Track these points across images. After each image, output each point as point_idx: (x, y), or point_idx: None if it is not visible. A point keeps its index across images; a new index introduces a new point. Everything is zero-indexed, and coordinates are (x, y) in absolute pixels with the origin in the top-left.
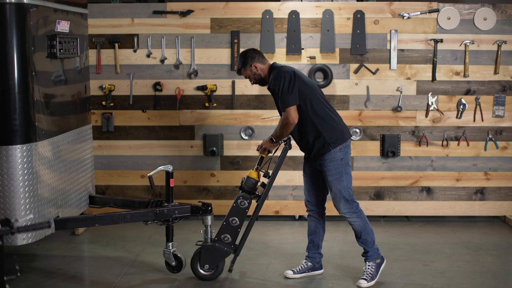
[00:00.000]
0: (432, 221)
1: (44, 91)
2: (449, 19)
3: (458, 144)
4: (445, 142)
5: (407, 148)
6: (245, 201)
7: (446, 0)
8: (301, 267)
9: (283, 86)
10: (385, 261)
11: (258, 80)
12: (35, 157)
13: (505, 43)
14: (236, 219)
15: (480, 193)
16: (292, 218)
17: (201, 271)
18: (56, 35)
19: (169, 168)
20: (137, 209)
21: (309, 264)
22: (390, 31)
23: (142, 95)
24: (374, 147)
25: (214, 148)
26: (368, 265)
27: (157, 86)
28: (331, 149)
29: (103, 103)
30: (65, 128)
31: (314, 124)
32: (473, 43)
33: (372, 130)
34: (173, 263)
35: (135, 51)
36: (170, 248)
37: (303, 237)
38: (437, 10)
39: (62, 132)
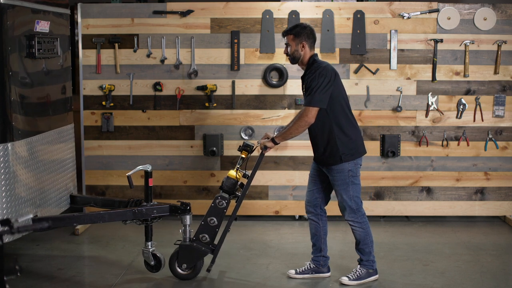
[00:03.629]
0: (432, 221)
1: (22, 91)
2: (449, 19)
3: (458, 144)
4: (445, 142)
5: (407, 148)
6: (223, 201)
7: (446, 0)
8: (304, 269)
9: (320, 85)
10: (377, 275)
11: (294, 57)
12: (12, 156)
13: (505, 43)
14: (214, 219)
15: (480, 193)
16: (292, 218)
17: (179, 270)
18: (34, 35)
19: (148, 167)
20: (116, 209)
21: (312, 266)
22: (390, 31)
23: (142, 95)
24: (374, 147)
25: (214, 148)
26: (359, 268)
27: (157, 86)
28: (341, 162)
29: (103, 103)
30: (44, 128)
31: (332, 131)
32: (473, 43)
33: (372, 130)
34: (152, 263)
35: (135, 51)
36: (149, 247)
37: (303, 237)
38: (437, 10)
39: (40, 132)
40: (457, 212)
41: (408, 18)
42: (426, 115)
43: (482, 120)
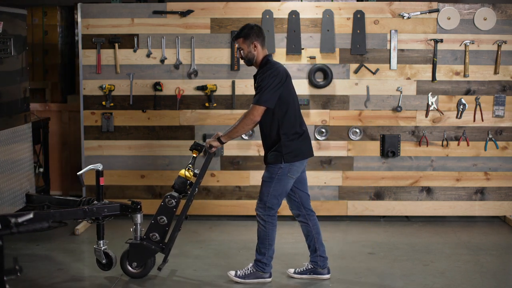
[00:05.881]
0: (432, 221)
1: None
2: (449, 19)
3: (458, 144)
4: (445, 142)
5: (407, 148)
6: (173, 200)
7: (446, 0)
8: (303, 269)
9: (270, 84)
10: (269, 279)
11: (249, 58)
12: None
13: (505, 43)
14: (164, 218)
15: (480, 193)
16: (292, 218)
17: (130, 268)
18: None
19: (99, 167)
20: (68, 208)
21: (310, 267)
22: (390, 31)
23: (142, 95)
24: (374, 147)
25: None
26: (250, 267)
27: (157, 86)
28: (282, 162)
29: (103, 103)
30: None
31: (278, 132)
32: (473, 43)
33: (372, 130)
34: (104, 261)
35: (135, 51)
36: (101, 246)
37: (303, 237)
38: (437, 10)
39: None
40: (457, 212)
41: (408, 18)
42: (426, 115)
43: (482, 120)
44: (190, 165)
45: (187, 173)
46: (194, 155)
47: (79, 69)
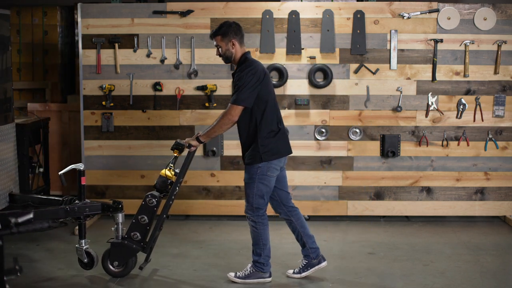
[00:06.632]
0: (432, 221)
1: None
2: (449, 19)
3: (458, 144)
4: (445, 142)
5: (407, 148)
6: (153, 200)
7: (446, 0)
8: (300, 267)
9: (248, 83)
10: (270, 278)
11: (227, 56)
12: None
13: (505, 43)
14: (145, 217)
15: (480, 193)
16: None
17: (111, 268)
18: None
19: (81, 166)
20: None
21: (305, 262)
22: (390, 31)
23: (142, 95)
24: (374, 147)
25: (214, 148)
26: (249, 267)
27: (157, 86)
28: (260, 161)
29: (103, 103)
30: None
31: (256, 130)
32: (473, 43)
33: (372, 130)
34: (85, 260)
35: (135, 51)
36: (83, 245)
37: None
38: (437, 10)
39: None
40: (457, 212)
41: (408, 18)
42: (426, 115)
43: (482, 120)
44: (171, 165)
45: (168, 173)
46: (176, 155)
47: (79, 69)
